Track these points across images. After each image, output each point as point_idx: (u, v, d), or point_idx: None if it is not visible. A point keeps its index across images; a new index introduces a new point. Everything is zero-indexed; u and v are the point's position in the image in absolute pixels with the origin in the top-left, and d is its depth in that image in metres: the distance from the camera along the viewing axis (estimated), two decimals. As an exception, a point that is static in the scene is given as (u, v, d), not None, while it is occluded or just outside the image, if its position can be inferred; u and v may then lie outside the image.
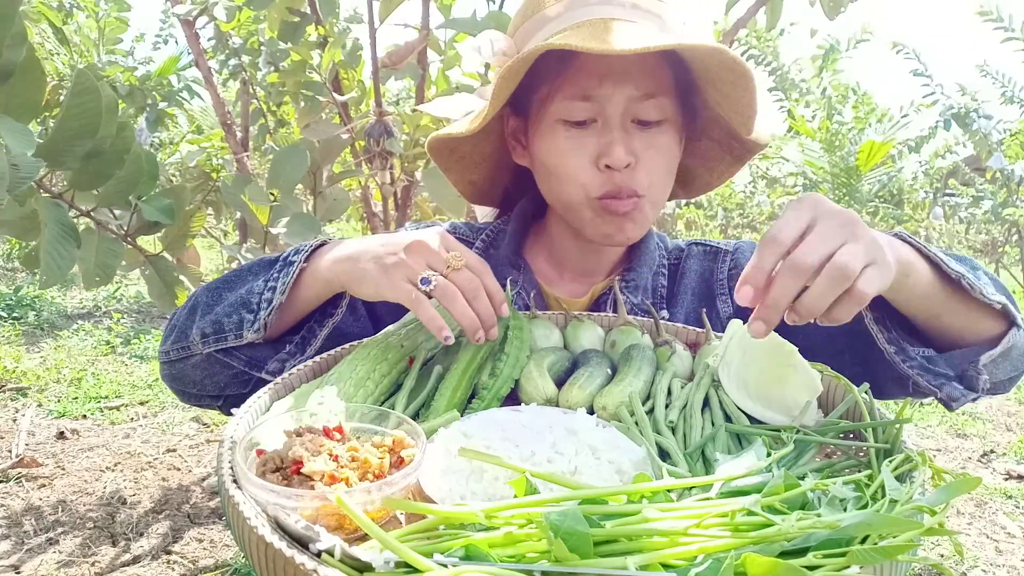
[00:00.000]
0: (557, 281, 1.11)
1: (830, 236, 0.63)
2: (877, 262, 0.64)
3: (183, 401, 1.01)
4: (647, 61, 0.92)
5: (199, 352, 0.90)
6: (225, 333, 0.88)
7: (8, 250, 7.05)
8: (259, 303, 0.87)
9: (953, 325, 0.82)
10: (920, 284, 0.76)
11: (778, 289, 0.62)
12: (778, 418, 0.76)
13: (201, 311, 0.92)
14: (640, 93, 0.92)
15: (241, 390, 0.94)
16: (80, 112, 1.14)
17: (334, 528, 0.55)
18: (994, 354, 0.79)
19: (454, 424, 0.72)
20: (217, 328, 0.89)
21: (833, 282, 0.61)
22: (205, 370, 0.93)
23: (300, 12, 1.95)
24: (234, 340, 0.88)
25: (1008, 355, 0.82)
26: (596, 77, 0.91)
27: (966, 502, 2.91)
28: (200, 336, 0.90)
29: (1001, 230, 6.10)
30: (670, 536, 0.48)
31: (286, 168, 1.67)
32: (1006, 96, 3.46)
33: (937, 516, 0.50)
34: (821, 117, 3.54)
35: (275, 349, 0.91)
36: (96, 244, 1.37)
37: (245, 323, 0.87)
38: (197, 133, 3.73)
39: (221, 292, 0.93)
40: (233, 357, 0.90)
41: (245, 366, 0.90)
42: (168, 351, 0.94)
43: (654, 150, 0.95)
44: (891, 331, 0.82)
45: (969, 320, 0.81)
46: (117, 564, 2.27)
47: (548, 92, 0.95)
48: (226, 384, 0.94)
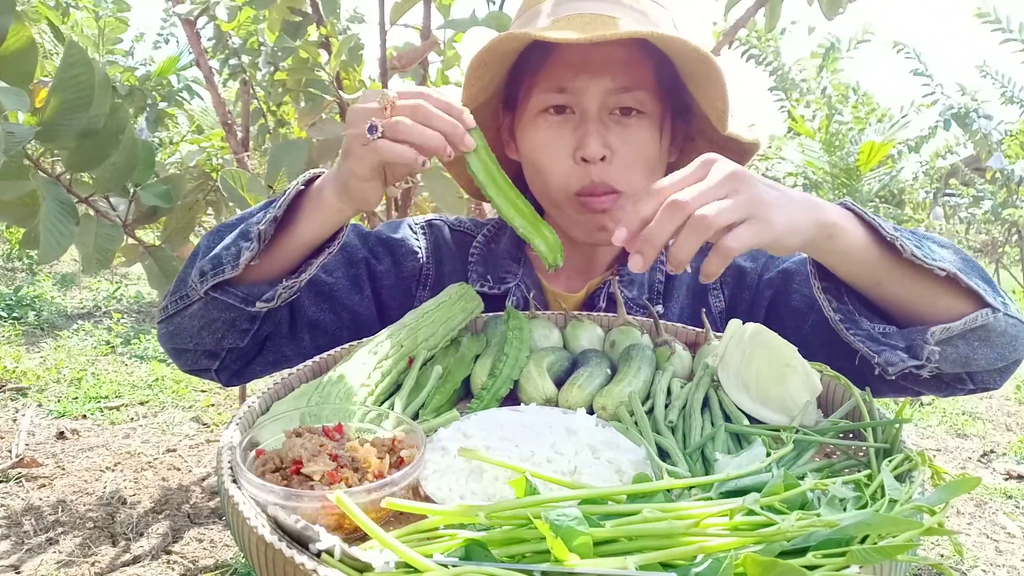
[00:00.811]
0: (554, 276, 1.12)
1: (711, 189, 0.65)
2: (754, 218, 0.66)
3: (179, 365, 0.98)
4: (624, 54, 0.93)
5: (197, 296, 0.88)
6: (223, 265, 0.85)
7: (8, 250, 7.05)
8: (258, 231, 0.84)
9: (900, 295, 0.80)
10: (851, 248, 0.76)
11: (656, 224, 0.65)
12: (778, 418, 0.76)
13: (201, 254, 0.90)
14: (616, 86, 0.93)
15: (239, 342, 0.93)
16: (73, 85, 1.13)
17: (334, 528, 0.55)
18: (952, 328, 0.76)
19: (454, 424, 0.72)
20: (215, 263, 0.86)
21: (693, 231, 0.64)
22: (203, 317, 0.90)
23: (301, 12, 1.95)
24: (231, 271, 0.85)
25: (986, 338, 0.80)
26: (572, 69, 0.93)
27: (966, 502, 2.92)
28: (199, 276, 0.87)
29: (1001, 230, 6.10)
30: (670, 536, 0.48)
31: (284, 161, 1.67)
32: (1006, 96, 3.46)
33: (937, 516, 0.50)
34: (821, 117, 3.54)
35: (271, 285, 0.88)
36: (95, 229, 1.37)
37: (243, 251, 0.84)
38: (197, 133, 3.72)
39: (222, 234, 0.91)
40: (229, 294, 0.87)
41: (241, 302, 0.87)
42: (167, 306, 0.92)
43: (630, 145, 0.96)
44: (842, 302, 0.81)
45: (920, 292, 0.79)
46: (117, 564, 2.27)
47: (529, 86, 0.98)
48: (223, 334, 0.91)
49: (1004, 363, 0.84)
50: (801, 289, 1.02)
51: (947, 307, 0.79)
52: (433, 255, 1.12)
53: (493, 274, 1.08)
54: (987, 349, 0.81)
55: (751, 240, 0.66)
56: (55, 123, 1.15)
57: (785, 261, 1.06)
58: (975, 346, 0.80)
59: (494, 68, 0.95)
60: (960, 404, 4.12)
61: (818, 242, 0.74)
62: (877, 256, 0.77)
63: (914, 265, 0.76)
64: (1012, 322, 0.81)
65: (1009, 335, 0.82)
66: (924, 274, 0.77)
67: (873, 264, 0.78)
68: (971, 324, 0.77)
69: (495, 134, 1.09)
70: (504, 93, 1.05)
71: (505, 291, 1.06)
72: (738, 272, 1.09)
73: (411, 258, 1.10)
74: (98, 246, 1.37)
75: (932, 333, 0.76)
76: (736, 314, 1.07)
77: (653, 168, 1.00)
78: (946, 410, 4.03)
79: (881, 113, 3.72)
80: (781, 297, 1.04)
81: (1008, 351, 0.83)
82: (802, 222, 0.70)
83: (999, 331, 0.80)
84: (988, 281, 0.82)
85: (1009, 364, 0.85)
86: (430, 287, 1.09)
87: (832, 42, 3.42)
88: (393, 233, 1.11)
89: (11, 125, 1.05)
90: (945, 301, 0.79)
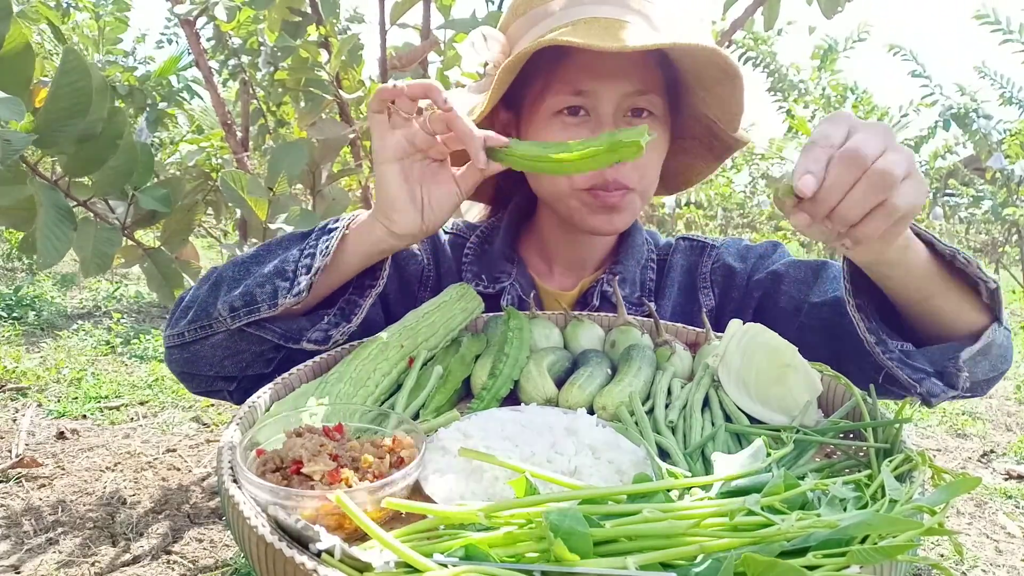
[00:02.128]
0: (547, 275, 1.13)
1: (873, 140, 0.61)
2: (914, 176, 0.61)
3: (191, 388, 0.97)
4: (639, 59, 0.94)
5: (224, 328, 0.86)
6: (258, 304, 0.84)
7: (8, 250, 7.05)
8: (295, 270, 0.83)
9: (943, 309, 0.80)
10: (918, 259, 0.75)
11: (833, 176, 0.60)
12: (778, 418, 0.76)
13: (228, 286, 0.88)
14: (632, 89, 0.94)
15: (264, 370, 0.92)
16: (69, 91, 1.13)
17: (334, 528, 0.55)
18: (974, 350, 0.77)
19: (454, 424, 0.72)
20: (248, 300, 0.84)
21: (874, 187, 0.59)
22: (229, 348, 0.89)
23: (301, 12, 1.95)
24: (268, 311, 0.84)
25: (987, 353, 0.80)
26: (589, 73, 0.94)
27: (966, 502, 2.92)
28: (228, 310, 0.85)
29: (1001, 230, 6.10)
30: (670, 536, 0.48)
31: (285, 162, 1.67)
32: (1005, 97, 3.46)
33: (937, 516, 0.50)
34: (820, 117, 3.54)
35: (310, 321, 0.88)
36: (94, 233, 1.37)
37: (280, 291, 0.83)
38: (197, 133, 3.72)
39: (249, 267, 0.89)
40: (266, 330, 0.86)
41: (280, 339, 0.86)
42: (183, 333, 0.89)
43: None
44: (872, 320, 0.81)
45: (958, 306, 0.79)
46: (117, 564, 2.27)
47: (542, 88, 0.98)
48: (249, 363, 0.91)
49: (995, 373, 0.85)
50: (789, 291, 1.03)
51: (970, 320, 0.80)
52: (432, 256, 1.13)
53: (487, 274, 1.09)
54: (986, 362, 0.82)
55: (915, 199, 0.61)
56: (52, 129, 1.15)
57: (774, 263, 1.07)
58: (978, 360, 0.80)
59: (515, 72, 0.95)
60: (960, 404, 4.12)
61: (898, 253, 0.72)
62: (934, 270, 0.76)
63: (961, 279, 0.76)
64: (1007, 335, 0.82)
65: (1003, 347, 0.83)
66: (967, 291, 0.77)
67: (930, 278, 0.77)
68: (986, 341, 0.78)
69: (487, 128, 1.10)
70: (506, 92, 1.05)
71: (499, 290, 1.07)
72: (728, 271, 1.10)
73: (412, 261, 1.11)
74: (97, 250, 1.37)
75: (963, 360, 0.76)
76: (725, 313, 1.08)
77: (660, 165, 1.02)
78: (946, 410, 4.03)
79: (880, 113, 3.72)
80: (769, 299, 1.05)
81: (999, 363, 0.84)
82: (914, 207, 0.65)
83: (998, 344, 0.81)
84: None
85: (997, 375, 0.86)
86: (431, 288, 1.10)
87: (830, 43, 3.42)
88: None
89: (8, 132, 1.05)
90: (970, 316, 0.80)
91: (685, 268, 1.13)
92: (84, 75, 1.13)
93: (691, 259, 1.14)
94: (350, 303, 0.89)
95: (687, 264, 1.14)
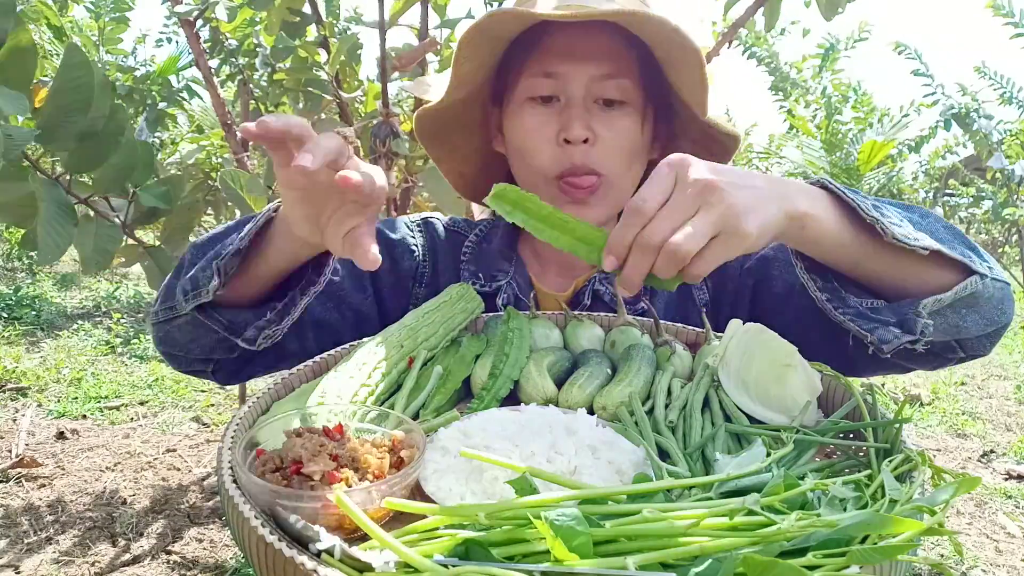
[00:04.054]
0: (543, 275, 1.14)
1: (680, 208, 0.64)
2: (727, 232, 0.64)
3: (175, 366, 0.97)
4: (608, 43, 0.96)
5: (184, 312, 0.84)
6: (199, 288, 0.82)
7: (8, 250, 7.05)
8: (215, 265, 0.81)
9: (883, 273, 0.79)
10: (824, 235, 0.74)
11: (630, 267, 0.66)
12: (778, 418, 0.76)
13: (186, 268, 0.87)
14: (600, 72, 0.95)
15: (228, 355, 0.91)
16: (72, 87, 1.13)
17: (334, 528, 0.55)
18: (943, 299, 0.75)
19: (454, 424, 0.72)
20: (195, 284, 0.83)
21: (668, 263, 0.64)
22: (190, 332, 0.88)
23: (300, 12, 1.95)
24: (206, 296, 0.81)
25: (974, 305, 0.79)
26: (558, 56, 0.96)
27: (966, 502, 2.92)
28: (182, 294, 0.84)
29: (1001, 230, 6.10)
30: (670, 536, 0.48)
31: (286, 163, 1.67)
32: (1004, 97, 3.46)
33: (937, 516, 0.50)
34: (821, 117, 3.54)
35: (256, 315, 0.85)
36: (95, 230, 1.37)
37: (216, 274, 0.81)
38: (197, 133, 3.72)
39: (205, 249, 0.87)
40: (213, 319, 0.84)
41: (224, 330, 0.84)
42: (157, 312, 0.90)
43: (613, 132, 0.98)
44: (827, 280, 0.80)
45: (904, 268, 0.78)
46: (117, 564, 2.27)
47: (516, 74, 1.00)
48: (212, 348, 0.90)
49: (993, 328, 0.83)
50: (782, 275, 1.03)
51: (934, 279, 0.77)
52: (429, 252, 1.13)
53: (485, 272, 1.09)
54: (976, 315, 0.80)
55: (724, 258, 0.66)
56: (54, 125, 1.15)
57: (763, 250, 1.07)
58: (963, 314, 0.79)
59: (484, 53, 0.97)
60: (960, 404, 4.12)
61: (789, 234, 0.73)
62: (853, 239, 0.76)
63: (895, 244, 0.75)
64: (999, 286, 0.80)
65: (996, 299, 0.81)
66: (907, 251, 0.75)
67: (849, 247, 0.77)
68: (961, 293, 0.76)
69: (483, 129, 1.12)
70: (492, 88, 1.07)
71: (496, 289, 1.07)
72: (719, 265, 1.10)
73: (408, 256, 1.11)
74: (97, 247, 1.37)
75: (924, 305, 0.75)
76: (721, 306, 1.08)
77: (634, 157, 1.02)
78: (946, 410, 4.03)
79: (881, 113, 3.72)
80: (763, 284, 1.05)
81: (996, 315, 0.82)
82: (774, 219, 0.69)
83: (987, 296, 0.79)
84: (972, 247, 0.81)
85: (998, 328, 0.84)
86: (426, 284, 1.10)
87: (831, 42, 3.42)
88: (391, 232, 1.12)
89: (10, 128, 1.05)
90: (931, 274, 0.78)
91: None
92: (86, 71, 1.13)
93: None
94: (291, 300, 0.86)
95: None
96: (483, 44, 0.95)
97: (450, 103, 1.03)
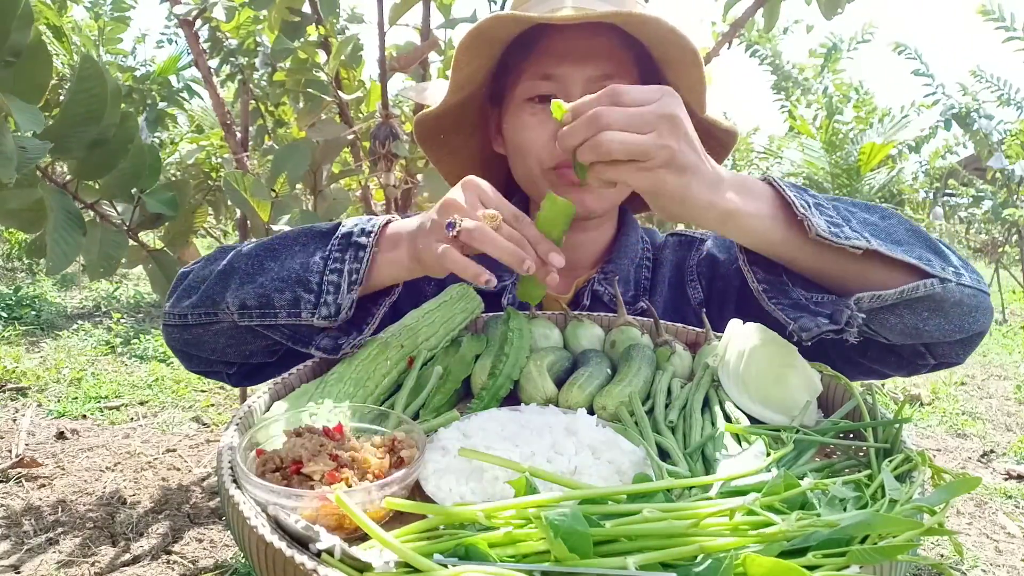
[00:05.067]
0: None
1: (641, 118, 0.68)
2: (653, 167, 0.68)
3: (188, 366, 0.96)
4: (606, 44, 0.96)
5: (230, 321, 0.84)
6: (275, 309, 0.82)
7: (8, 250, 7.05)
8: (321, 283, 0.81)
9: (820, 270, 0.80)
10: (750, 230, 0.76)
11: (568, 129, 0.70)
12: (778, 418, 0.76)
13: (239, 279, 0.85)
14: (598, 73, 0.96)
15: (267, 359, 0.92)
16: (85, 98, 1.14)
17: (334, 528, 0.55)
18: (884, 296, 0.75)
19: (454, 424, 0.72)
20: (264, 303, 0.82)
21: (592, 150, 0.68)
22: (232, 338, 0.87)
23: (300, 12, 1.95)
24: (287, 319, 0.81)
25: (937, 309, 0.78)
26: (556, 57, 0.96)
27: (966, 502, 2.92)
28: (238, 306, 0.83)
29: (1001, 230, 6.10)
30: (670, 536, 0.48)
31: (288, 163, 1.67)
32: (1002, 99, 3.47)
33: (937, 516, 0.50)
34: (822, 117, 3.54)
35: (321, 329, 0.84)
36: (100, 236, 1.38)
37: (303, 303, 0.81)
38: (197, 133, 3.72)
39: (263, 261, 0.86)
40: (276, 331, 0.84)
41: (288, 340, 0.83)
42: (186, 314, 0.87)
43: None
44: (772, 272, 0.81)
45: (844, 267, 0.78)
46: (117, 564, 2.27)
47: (515, 77, 1.01)
48: (251, 352, 0.90)
49: (963, 335, 0.82)
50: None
51: (880, 280, 0.77)
52: None
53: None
54: (940, 319, 0.79)
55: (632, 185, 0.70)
56: (66, 136, 1.15)
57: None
58: (924, 316, 0.79)
59: (483, 56, 0.98)
60: (960, 404, 4.12)
61: (710, 224, 0.74)
62: (783, 237, 0.77)
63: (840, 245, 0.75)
64: (969, 292, 0.79)
65: (966, 305, 0.80)
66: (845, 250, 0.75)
67: (780, 245, 0.78)
68: (911, 294, 0.76)
69: (482, 131, 1.13)
70: (491, 89, 1.08)
71: (500, 288, 1.07)
72: (712, 263, 1.11)
73: None
74: (103, 253, 1.38)
75: (859, 299, 0.75)
76: (713, 304, 1.08)
77: None
78: (946, 410, 4.03)
79: (882, 113, 3.72)
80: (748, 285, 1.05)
81: (966, 322, 0.81)
82: (698, 200, 0.71)
83: (952, 301, 0.78)
84: (937, 252, 0.80)
85: (971, 336, 0.83)
86: (435, 283, 1.10)
87: (834, 42, 3.43)
88: None
89: (23, 140, 1.05)
90: (876, 274, 0.77)
91: (674, 263, 1.14)
92: (100, 82, 1.14)
93: (680, 254, 1.15)
94: (365, 311, 0.85)
95: (676, 259, 1.14)
96: (481, 47, 0.95)
97: (449, 107, 1.03)
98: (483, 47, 0.95)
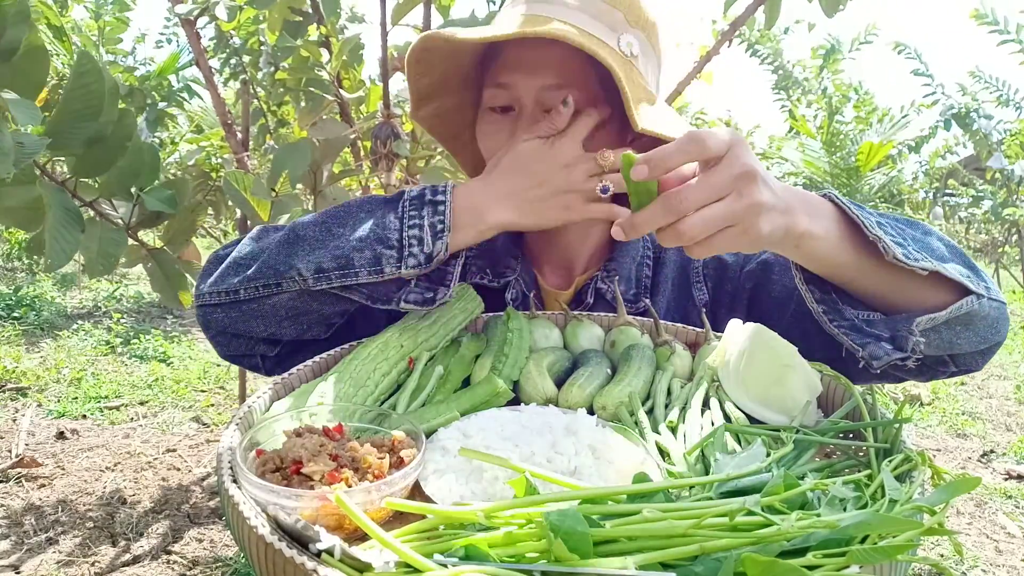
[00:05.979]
0: (547, 273, 1.14)
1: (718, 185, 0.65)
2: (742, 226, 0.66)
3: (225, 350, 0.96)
4: (558, 55, 0.96)
5: (297, 288, 0.85)
6: (355, 268, 0.83)
7: (8, 250, 7.05)
8: (402, 240, 0.83)
9: (877, 290, 0.80)
10: (819, 255, 0.75)
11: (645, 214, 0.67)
12: (778, 418, 0.76)
13: (309, 245, 0.86)
14: (548, 83, 0.96)
15: (320, 334, 0.93)
16: (83, 94, 1.14)
17: (334, 528, 0.55)
18: (937, 318, 0.76)
19: (454, 424, 0.72)
20: (343, 263, 0.83)
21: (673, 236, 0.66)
22: (293, 308, 0.88)
23: (302, 11, 1.95)
24: (368, 276, 0.83)
25: (969, 324, 0.79)
26: (509, 68, 0.98)
27: (966, 502, 2.92)
28: (314, 270, 0.84)
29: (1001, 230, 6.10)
30: (670, 536, 0.48)
31: (289, 163, 1.67)
32: (1001, 99, 3.47)
33: (937, 516, 0.50)
34: (822, 117, 3.54)
35: (396, 284, 0.86)
36: (99, 234, 1.38)
37: (384, 259, 0.83)
38: (197, 133, 3.72)
39: (331, 228, 0.88)
40: (354, 291, 0.85)
41: (366, 299, 0.85)
42: (236, 290, 0.87)
43: None
44: (825, 292, 0.81)
45: (900, 286, 0.78)
46: (117, 564, 2.27)
47: (481, 85, 1.03)
48: (309, 325, 0.91)
49: (986, 345, 0.84)
50: (781, 279, 1.03)
51: (930, 298, 0.78)
52: None
53: (493, 268, 1.10)
54: (970, 334, 0.81)
55: (727, 250, 0.67)
56: (64, 132, 1.15)
57: (764, 252, 1.07)
58: (958, 331, 0.80)
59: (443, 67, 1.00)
60: (960, 404, 4.12)
61: (783, 248, 0.74)
62: (851, 257, 0.76)
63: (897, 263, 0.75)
64: (995, 305, 0.81)
65: (992, 318, 0.82)
66: (906, 271, 0.75)
67: (845, 266, 0.77)
68: (956, 312, 0.76)
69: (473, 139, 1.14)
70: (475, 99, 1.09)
71: (504, 284, 1.07)
72: (720, 265, 1.11)
73: None
74: (102, 251, 1.37)
75: (917, 323, 0.75)
76: (719, 307, 1.08)
77: None
78: (946, 410, 4.03)
79: (882, 113, 3.72)
80: (762, 288, 1.05)
81: (990, 333, 0.83)
82: (779, 229, 0.69)
83: (983, 315, 0.80)
84: (971, 266, 0.81)
85: (991, 346, 0.85)
86: None
87: (833, 43, 3.43)
88: None
89: (21, 135, 1.05)
90: (928, 293, 0.78)
91: (678, 263, 1.14)
92: (97, 78, 1.14)
93: (684, 255, 1.14)
94: (438, 271, 0.87)
95: (680, 259, 1.14)
96: (435, 61, 0.97)
97: (446, 109, 1.05)
98: (437, 60, 0.97)
